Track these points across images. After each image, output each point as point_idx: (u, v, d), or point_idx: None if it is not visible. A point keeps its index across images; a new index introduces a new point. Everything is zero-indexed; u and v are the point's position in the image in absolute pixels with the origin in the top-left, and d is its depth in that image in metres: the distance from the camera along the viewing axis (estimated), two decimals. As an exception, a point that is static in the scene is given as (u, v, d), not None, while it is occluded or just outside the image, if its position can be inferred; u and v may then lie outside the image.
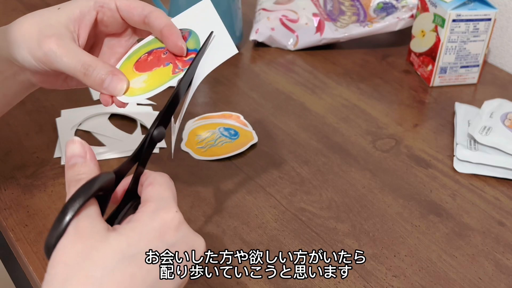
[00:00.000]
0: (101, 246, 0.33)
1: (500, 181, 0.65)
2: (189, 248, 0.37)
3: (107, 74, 0.45)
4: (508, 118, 0.69)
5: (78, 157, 0.37)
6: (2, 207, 0.57)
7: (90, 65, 0.45)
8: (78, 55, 0.45)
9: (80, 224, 0.33)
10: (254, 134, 0.69)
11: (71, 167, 0.37)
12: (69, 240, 0.33)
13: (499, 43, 0.91)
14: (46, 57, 0.45)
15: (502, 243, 0.57)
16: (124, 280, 0.33)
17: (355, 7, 0.92)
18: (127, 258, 0.33)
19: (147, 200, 0.37)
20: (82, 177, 0.36)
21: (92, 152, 0.38)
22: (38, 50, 0.45)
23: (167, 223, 0.36)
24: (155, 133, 0.41)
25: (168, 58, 0.48)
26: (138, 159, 0.40)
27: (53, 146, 0.66)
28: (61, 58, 0.45)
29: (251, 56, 0.89)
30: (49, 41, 0.45)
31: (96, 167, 0.38)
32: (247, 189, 0.62)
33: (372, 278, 0.52)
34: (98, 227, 0.34)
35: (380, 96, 0.80)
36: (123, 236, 0.34)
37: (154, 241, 0.35)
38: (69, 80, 0.52)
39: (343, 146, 0.69)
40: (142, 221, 0.35)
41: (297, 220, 0.58)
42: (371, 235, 0.57)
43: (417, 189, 0.63)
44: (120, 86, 0.45)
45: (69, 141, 0.38)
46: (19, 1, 0.99)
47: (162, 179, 0.39)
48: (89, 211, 0.34)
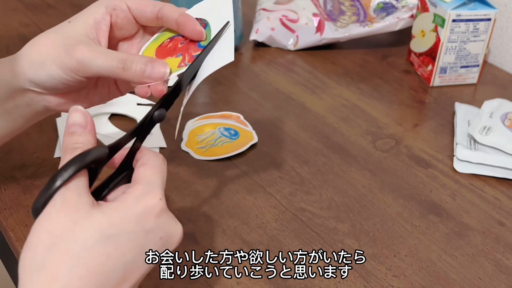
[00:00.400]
0: (84, 221, 0.35)
1: (500, 181, 0.65)
2: (165, 234, 0.39)
3: (146, 63, 0.46)
4: (508, 118, 0.69)
5: (78, 126, 0.39)
6: (2, 207, 0.57)
7: (127, 59, 0.45)
8: (112, 53, 0.46)
9: (67, 195, 0.35)
10: (254, 134, 0.69)
11: (70, 134, 0.38)
12: (55, 209, 0.35)
13: (499, 43, 0.91)
14: (79, 64, 0.45)
15: (502, 243, 0.57)
16: (99, 257, 0.35)
17: (355, 7, 0.92)
18: (106, 237, 0.35)
19: (136, 181, 0.39)
20: (78, 146, 0.38)
21: (92, 124, 0.39)
22: (69, 59, 0.45)
23: (149, 209, 0.37)
24: (156, 114, 0.43)
25: (182, 49, 0.48)
26: (135, 136, 0.42)
27: (53, 146, 0.66)
28: (96, 60, 0.45)
29: (251, 56, 0.89)
30: (78, 48, 0.45)
31: (94, 139, 0.39)
32: (247, 189, 0.62)
33: (372, 278, 0.52)
34: (84, 201, 0.36)
35: (380, 96, 0.80)
36: (106, 216, 0.36)
37: (133, 224, 0.37)
38: (91, 96, 0.52)
39: (343, 146, 0.69)
40: (126, 203, 0.37)
41: (297, 220, 0.58)
42: (371, 235, 0.57)
43: (417, 189, 0.63)
44: (163, 69, 0.46)
45: (73, 108, 0.39)
46: (19, 1, 1.00)
47: (156, 161, 0.40)
48: (78, 182, 0.36)
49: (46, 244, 0.34)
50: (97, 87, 0.51)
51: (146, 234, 0.37)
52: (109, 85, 0.52)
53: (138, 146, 0.42)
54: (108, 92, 0.52)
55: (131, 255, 0.36)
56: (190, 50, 0.48)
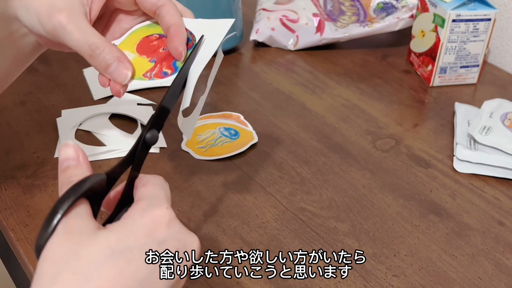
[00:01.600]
0: (89, 242, 0.32)
1: (500, 181, 0.65)
2: (181, 245, 0.36)
3: (113, 59, 0.45)
4: (508, 118, 0.69)
5: (71, 160, 0.37)
6: (2, 207, 0.57)
7: (97, 47, 0.44)
8: (87, 34, 0.45)
9: (69, 223, 0.33)
10: (254, 134, 0.69)
11: (64, 170, 0.37)
12: (58, 238, 0.32)
13: (499, 43, 0.91)
14: (54, 30, 0.45)
15: (502, 243, 0.57)
16: (112, 276, 0.32)
17: (355, 7, 0.93)
18: (116, 254, 0.32)
19: (139, 199, 0.37)
20: (74, 179, 0.35)
21: (84, 154, 0.38)
22: (47, 21, 0.45)
23: (157, 219, 0.35)
24: (148, 136, 0.40)
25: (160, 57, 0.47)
26: (131, 163, 0.40)
27: (53, 146, 0.66)
28: (69, 35, 0.44)
29: (251, 56, 0.89)
30: (59, 15, 0.44)
31: (88, 169, 0.37)
32: (247, 189, 0.62)
33: (372, 278, 0.52)
34: (87, 225, 0.33)
35: (380, 96, 0.80)
36: (112, 233, 0.33)
37: (143, 237, 0.34)
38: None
39: (343, 146, 0.69)
40: (132, 218, 0.35)
41: (297, 220, 0.58)
42: (371, 234, 0.57)
43: (417, 189, 0.63)
44: (125, 73, 0.45)
45: (63, 145, 0.38)
46: None
47: (156, 180, 0.38)
48: (79, 210, 0.34)
49: (51, 274, 0.31)
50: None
51: (159, 246, 0.34)
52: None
53: (135, 175, 0.39)
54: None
55: (146, 270, 0.33)
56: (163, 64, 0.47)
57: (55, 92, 0.76)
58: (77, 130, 0.68)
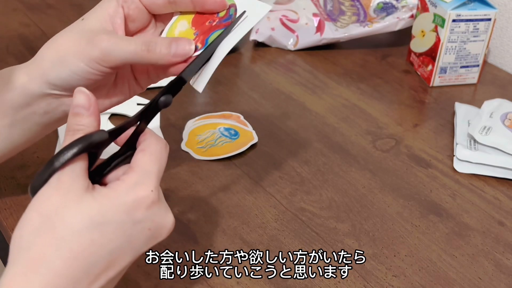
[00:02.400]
0: (74, 206, 0.36)
1: (500, 181, 0.65)
2: (154, 225, 0.39)
3: (170, 42, 0.45)
4: (508, 118, 0.69)
5: (82, 107, 0.39)
6: (2, 207, 0.57)
7: (150, 41, 0.45)
8: (134, 38, 0.45)
9: (62, 178, 0.36)
10: (254, 134, 0.69)
11: (73, 115, 0.39)
12: (48, 191, 0.36)
13: (499, 43, 0.91)
14: (103, 52, 0.44)
15: (502, 243, 0.57)
16: (84, 243, 0.36)
17: (355, 7, 0.93)
18: (93, 224, 0.36)
19: (132, 169, 0.39)
20: (80, 128, 0.38)
21: (96, 106, 0.39)
22: (92, 50, 0.45)
23: (140, 200, 0.38)
24: (161, 99, 0.43)
25: (202, 28, 0.47)
26: (137, 121, 0.42)
27: (53, 146, 0.66)
28: (120, 46, 0.45)
29: (251, 56, 0.89)
30: (100, 37, 0.45)
31: (97, 122, 0.39)
32: (247, 189, 0.62)
33: (372, 278, 0.52)
34: (78, 185, 0.36)
35: (380, 96, 0.80)
36: (96, 202, 0.36)
37: (122, 214, 0.37)
38: (111, 95, 0.51)
39: (343, 146, 0.69)
40: (118, 191, 0.37)
41: (297, 220, 0.58)
42: (371, 235, 0.57)
43: (417, 189, 0.63)
44: (188, 46, 0.45)
45: (77, 90, 0.39)
46: (19, 1, 1.00)
47: (156, 148, 0.40)
48: (75, 166, 0.37)
49: (35, 225, 0.36)
50: (117, 85, 0.51)
51: (134, 224, 0.38)
52: (128, 81, 0.51)
53: (143, 128, 0.42)
54: (128, 88, 0.51)
55: (116, 243, 0.37)
56: (201, 37, 0.47)
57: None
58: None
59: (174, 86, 0.44)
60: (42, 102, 0.48)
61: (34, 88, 0.47)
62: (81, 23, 0.47)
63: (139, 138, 0.41)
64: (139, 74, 0.51)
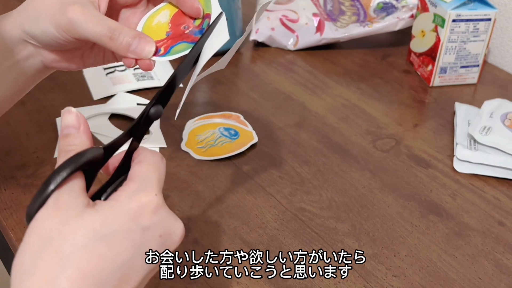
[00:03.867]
0: (75, 221, 0.33)
1: (500, 181, 0.65)
2: (165, 232, 0.36)
3: (133, 37, 0.45)
4: (508, 118, 0.69)
5: (72, 128, 0.38)
6: (2, 207, 0.57)
7: (115, 29, 0.45)
8: (103, 20, 0.45)
9: (60, 197, 0.34)
10: (254, 134, 0.69)
11: (64, 136, 0.38)
12: (47, 212, 0.34)
13: (499, 43, 0.91)
14: (70, 23, 0.45)
15: (502, 243, 0.57)
16: (93, 258, 0.33)
17: (355, 7, 0.92)
18: (99, 237, 0.33)
19: (131, 179, 0.37)
20: (72, 148, 0.37)
21: (86, 124, 0.38)
22: (62, 17, 0.45)
23: (144, 205, 0.35)
24: (152, 111, 0.41)
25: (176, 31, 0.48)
26: (131, 136, 0.40)
27: (53, 146, 0.66)
28: (86, 24, 0.45)
29: (251, 56, 0.89)
30: (73, 8, 0.45)
31: (89, 140, 0.38)
32: (247, 189, 0.62)
33: (372, 278, 0.52)
34: (77, 202, 0.34)
35: (380, 96, 0.80)
36: (98, 214, 0.34)
37: (128, 222, 0.35)
38: (86, 58, 0.52)
39: (343, 146, 0.69)
40: (120, 201, 0.35)
41: (297, 220, 0.58)
42: (371, 235, 0.57)
43: (417, 189, 0.63)
44: (148, 48, 0.45)
45: (65, 110, 0.38)
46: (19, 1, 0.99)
47: (153, 158, 0.39)
48: (72, 184, 0.35)
49: (36, 248, 0.33)
50: (93, 50, 0.52)
51: (143, 232, 0.35)
52: (104, 49, 0.52)
53: (135, 146, 0.40)
54: (103, 57, 0.52)
55: (127, 255, 0.34)
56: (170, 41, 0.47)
57: (55, 92, 0.76)
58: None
59: (163, 95, 0.42)
60: (23, 49, 0.49)
61: (15, 34, 0.48)
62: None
63: (133, 155, 0.40)
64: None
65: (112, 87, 0.76)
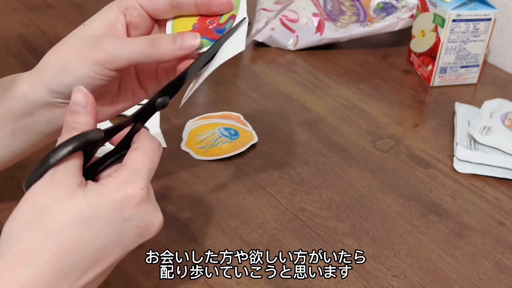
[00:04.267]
0: (64, 201, 0.36)
1: (500, 181, 0.65)
2: (143, 223, 0.39)
3: (174, 37, 0.45)
4: (508, 118, 0.69)
5: (79, 105, 0.40)
6: (2, 207, 0.57)
7: (153, 38, 0.44)
8: (137, 38, 0.45)
9: (57, 174, 0.37)
10: (254, 134, 0.69)
11: (71, 113, 0.40)
12: (42, 186, 0.37)
13: (499, 43, 0.91)
14: (107, 55, 0.44)
15: (502, 243, 0.57)
16: (73, 237, 0.36)
17: (355, 7, 0.92)
18: (83, 220, 0.37)
19: (124, 166, 0.39)
20: (77, 126, 0.39)
21: (94, 105, 0.40)
22: (97, 53, 0.44)
23: (129, 198, 0.38)
24: (158, 101, 0.43)
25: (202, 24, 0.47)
26: (133, 122, 0.42)
27: (53, 146, 0.65)
28: (124, 47, 0.44)
29: (251, 56, 0.89)
30: (104, 40, 0.44)
31: (93, 120, 0.40)
32: (247, 189, 0.62)
33: (372, 278, 0.52)
34: (71, 181, 0.37)
35: (380, 96, 0.80)
36: (87, 198, 0.37)
37: (111, 211, 0.38)
38: (115, 102, 0.50)
39: (343, 146, 0.69)
40: (108, 188, 0.38)
41: (297, 220, 0.58)
42: (371, 235, 0.57)
43: (417, 189, 0.63)
44: (194, 40, 0.45)
45: (76, 88, 0.40)
46: (19, 1, 1.00)
47: (149, 147, 0.41)
48: (70, 163, 0.37)
49: (26, 218, 0.36)
50: (121, 92, 0.50)
51: (123, 221, 0.38)
52: (133, 87, 0.50)
53: (138, 127, 0.42)
54: (133, 94, 0.51)
55: (105, 239, 0.37)
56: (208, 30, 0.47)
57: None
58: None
59: (172, 87, 0.44)
60: (44, 111, 0.47)
61: (36, 97, 0.46)
62: (82, 28, 0.46)
63: (134, 138, 0.42)
64: (146, 79, 0.51)
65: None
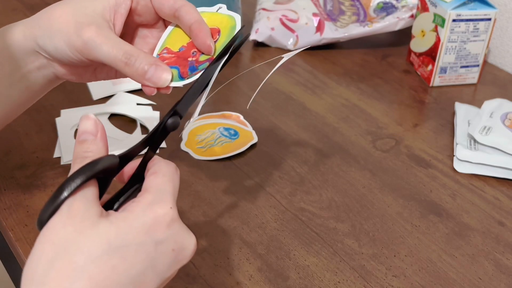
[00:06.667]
0: (89, 232, 0.33)
1: (500, 181, 0.65)
2: (178, 246, 0.36)
3: (150, 64, 0.44)
4: (508, 118, 0.69)
5: (89, 134, 0.37)
6: (2, 207, 0.57)
7: (132, 54, 0.44)
8: (119, 44, 0.44)
9: (74, 205, 0.33)
10: (254, 134, 0.69)
11: (80, 142, 0.37)
12: (61, 220, 0.33)
13: (499, 43, 0.91)
14: (85, 46, 0.44)
15: (502, 243, 0.57)
16: (106, 270, 0.33)
17: (355, 7, 0.92)
18: (113, 249, 0.33)
19: (146, 190, 0.37)
20: (88, 155, 0.36)
21: (104, 132, 0.38)
22: (76, 39, 0.44)
23: (159, 219, 0.35)
24: (169, 122, 0.41)
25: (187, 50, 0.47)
26: (147, 146, 0.40)
27: (53, 146, 0.66)
28: (101, 47, 0.44)
29: (251, 56, 0.89)
30: (88, 29, 0.44)
31: (105, 148, 0.37)
32: (247, 189, 0.62)
33: (372, 278, 0.52)
34: (91, 211, 0.34)
35: (380, 96, 0.80)
36: (113, 226, 0.34)
37: (142, 235, 0.34)
38: (98, 72, 0.51)
39: (343, 146, 0.69)
40: (135, 213, 0.35)
41: (297, 220, 0.58)
42: (371, 235, 0.57)
43: (417, 189, 0.63)
44: (165, 76, 0.44)
45: (84, 116, 0.38)
46: (19, 1, 0.99)
47: (167, 169, 0.38)
48: (86, 192, 0.34)
49: (49, 256, 0.32)
50: (105, 66, 0.50)
51: (156, 245, 0.35)
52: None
53: (150, 156, 0.39)
54: (116, 72, 0.51)
55: (139, 268, 0.34)
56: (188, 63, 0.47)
57: (54, 92, 0.76)
58: (76, 130, 0.68)
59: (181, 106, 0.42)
60: (35, 60, 0.49)
61: (27, 45, 0.48)
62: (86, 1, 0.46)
63: (148, 165, 0.39)
64: None
65: (112, 87, 0.76)
